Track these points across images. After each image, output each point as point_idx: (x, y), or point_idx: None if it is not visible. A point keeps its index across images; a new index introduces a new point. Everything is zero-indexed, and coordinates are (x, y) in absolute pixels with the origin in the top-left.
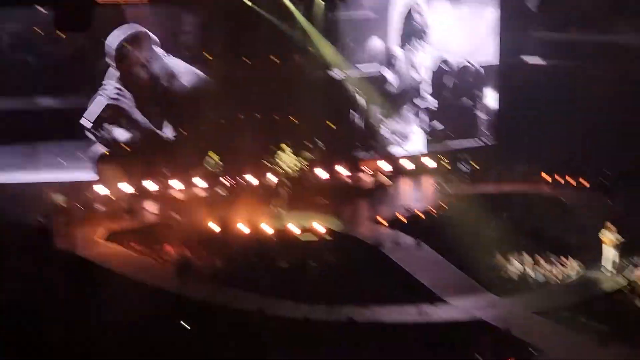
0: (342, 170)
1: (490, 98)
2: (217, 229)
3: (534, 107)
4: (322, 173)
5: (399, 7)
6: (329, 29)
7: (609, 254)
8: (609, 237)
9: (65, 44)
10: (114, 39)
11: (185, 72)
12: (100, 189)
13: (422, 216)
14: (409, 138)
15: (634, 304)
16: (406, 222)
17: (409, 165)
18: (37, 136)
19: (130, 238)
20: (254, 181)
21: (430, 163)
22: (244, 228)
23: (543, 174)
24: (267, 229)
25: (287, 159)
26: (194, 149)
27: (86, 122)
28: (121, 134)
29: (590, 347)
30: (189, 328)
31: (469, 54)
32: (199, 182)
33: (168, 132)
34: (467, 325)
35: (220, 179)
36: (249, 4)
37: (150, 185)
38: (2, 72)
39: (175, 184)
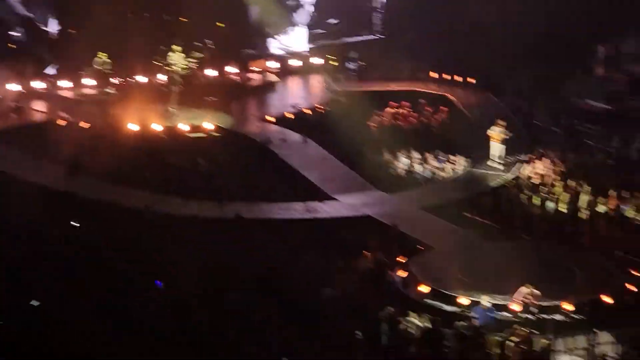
0: (231, 70)
1: None
2: (106, 127)
3: (422, 4)
4: (211, 72)
5: None
6: None
7: (496, 149)
8: (496, 133)
9: None
10: None
11: None
12: None
13: (310, 113)
14: (296, 36)
15: (519, 198)
16: (294, 119)
17: (296, 63)
18: None
19: (18, 137)
20: (144, 80)
21: (318, 61)
22: (133, 127)
23: (430, 72)
24: (157, 127)
25: (177, 59)
26: (83, 48)
27: None
28: (7, 30)
29: (477, 242)
30: (78, 226)
31: None
32: (88, 81)
33: (53, 27)
34: (354, 222)
35: (110, 78)
36: None
37: (38, 84)
38: None
39: (64, 83)
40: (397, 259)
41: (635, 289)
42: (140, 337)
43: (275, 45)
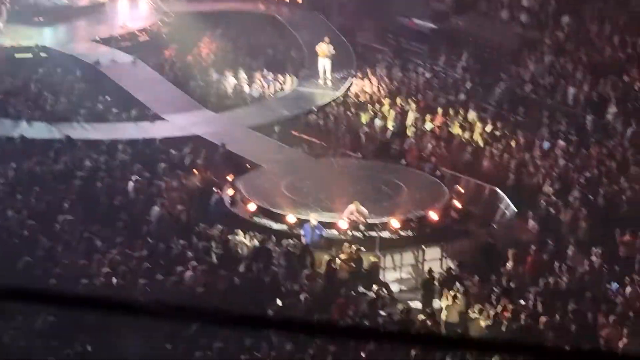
0: None
1: None
2: None
3: None
4: None
5: None
6: None
7: (323, 66)
8: (323, 50)
9: None
10: None
11: None
12: None
13: (138, 34)
14: None
15: (345, 114)
16: (122, 40)
17: None
18: None
19: None
20: None
21: None
22: None
23: None
24: None
25: None
26: None
27: None
28: None
29: (305, 160)
30: None
31: None
32: None
33: None
34: (183, 141)
35: None
36: None
37: None
38: None
39: None
40: (225, 177)
41: (460, 205)
42: None
43: None
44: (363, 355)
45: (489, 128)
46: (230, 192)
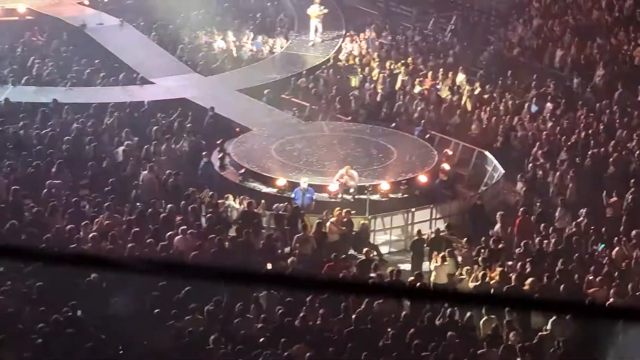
0: None
1: None
2: None
3: None
4: None
5: None
6: None
7: (315, 26)
8: (315, 12)
9: None
10: None
11: None
12: None
13: None
14: None
15: (335, 78)
16: (110, 2)
17: None
18: None
19: None
20: None
21: None
22: None
23: None
24: None
25: None
26: None
27: None
28: None
29: (294, 123)
30: None
31: None
32: None
33: None
34: (172, 105)
35: None
36: None
37: None
38: None
39: None
40: (214, 140)
41: (449, 168)
42: None
43: None
44: (353, 317)
45: (477, 91)
46: (219, 155)
